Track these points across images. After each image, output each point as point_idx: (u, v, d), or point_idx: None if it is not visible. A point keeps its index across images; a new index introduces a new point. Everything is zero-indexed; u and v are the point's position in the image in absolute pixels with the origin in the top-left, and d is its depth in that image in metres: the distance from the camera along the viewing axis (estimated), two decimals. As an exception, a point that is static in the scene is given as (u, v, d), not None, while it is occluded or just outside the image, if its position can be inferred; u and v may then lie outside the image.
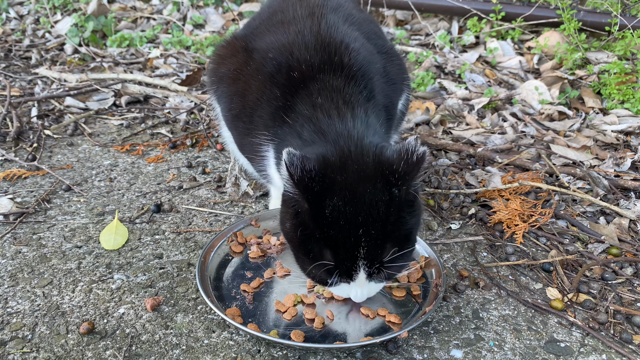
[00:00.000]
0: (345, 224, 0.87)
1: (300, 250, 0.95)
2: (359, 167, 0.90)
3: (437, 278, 1.14)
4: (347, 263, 0.90)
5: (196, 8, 3.17)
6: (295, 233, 0.94)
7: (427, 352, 1.01)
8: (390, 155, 0.90)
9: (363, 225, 0.87)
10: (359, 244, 0.88)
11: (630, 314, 1.12)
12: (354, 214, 0.87)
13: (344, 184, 0.89)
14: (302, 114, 1.03)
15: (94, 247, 1.29)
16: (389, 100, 1.21)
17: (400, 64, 1.33)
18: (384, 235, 0.89)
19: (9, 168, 1.63)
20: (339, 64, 1.07)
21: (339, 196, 0.88)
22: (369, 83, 1.10)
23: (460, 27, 2.82)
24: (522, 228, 1.37)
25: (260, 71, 1.13)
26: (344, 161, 0.91)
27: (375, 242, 0.89)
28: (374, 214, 0.88)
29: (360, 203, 0.88)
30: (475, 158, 1.75)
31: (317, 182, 0.87)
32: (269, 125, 1.10)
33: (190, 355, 0.99)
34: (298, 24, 1.15)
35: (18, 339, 1.01)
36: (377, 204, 0.88)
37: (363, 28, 1.25)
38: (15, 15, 3.23)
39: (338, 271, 0.91)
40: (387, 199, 0.89)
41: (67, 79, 2.34)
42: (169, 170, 1.67)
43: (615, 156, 1.73)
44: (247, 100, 1.16)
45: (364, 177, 0.89)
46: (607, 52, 2.36)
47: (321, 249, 0.91)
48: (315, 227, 0.89)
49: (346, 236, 0.88)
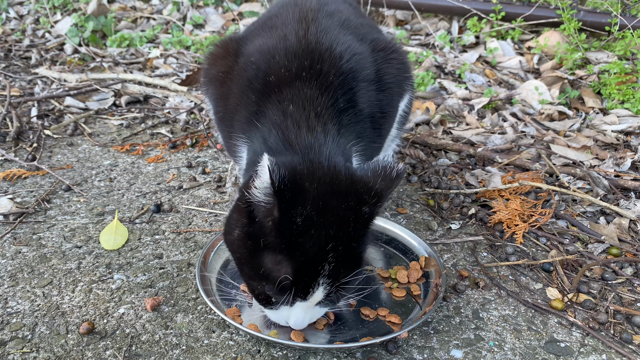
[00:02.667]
0: (315, 235, 0.83)
1: (247, 262, 0.89)
2: (331, 180, 0.87)
3: (437, 278, 1.14)
4: (307, 279, 0.84)
5: (196, 8, 3.17)
6: (244, 243, 0.88)
7: (427, 352, 1.01)
8: (363, 173, 0.88)
9: (332, 240, 0.83)
10: (325, 259, 0.83)
11: (630, 314, 1.12)
12: (324, 226, 0.83)
13: (316, 194, 0.85)
14: (272, 120, 1.00)
15: (94, 247, 1.29)
16: (377, 108, 1.15)
17: (401, 61, 1.25)
18: (348, 254, 0.86)
19: (9, 168, 1.63)
20: (318, 71, 1.03)
21: (311, 205, 0.83)
22: (349, 92, 1.06)
23: (460, 27, 2.82)
24: (522, 228, 1.37)
25: (241, 75, 1.11)
26: (313, 172, 0.87)
27: (341, 259, 0.84)
28: (344, 229, 0.84)
29: (333, 216, 0.84)
30: (475, 158, 1.75)
31: (289, 189, 0.82)
32: (245, 129, 1.07)
33: (190, 355, 0.99)
34: (285, 29, 1.12)
35: (18, 339, 1.01)
36: (347, 220, 0.85)
37: (359, 31, 1.21)
38: (15, 15, 3.23)
39: (294, 288, 0.85)
40: (356, 216, 0.86)
41: (67, 79, 2.34)
42: (169, 170, 1.67)
43: (615, 156, 1.73)
44: (229, 104, 1.15)
45: (336, 191, 0.86)
46: (607, 52, 2.36)
47: (277, 263, 0.85)
48: (279, 237, 0.84)
49: (313, 249, 0.83)
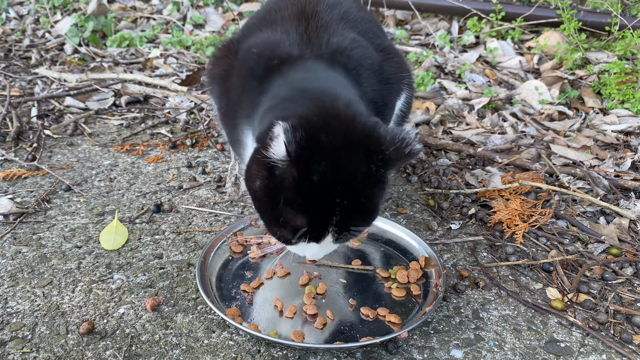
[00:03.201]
0: (325, 191, 0.85)
1: (268, 211, 0.92)
2: (346, 131, 0.86)
3: (437, 278, 1.14)
4: (319, 229, 0.89)
5: (196, 8, 3.17)
6: (265, 193, 0.90)
7: (427, 352, 1.01)
8: (383, 133, 0.86)
9: (340, 194, 0.85)
10: (334, 212, 0.86)
11: (630, 314, 1.12)
12: (334, 181, 0.85)
13: (330, 148, 0.85)
14: (277, 85, 1.00)
15: (94, 247, 1.29)
16: (379, 95, 1.16)
17: (400, 61, 1.28)
18: (356, 207, 0.88)
19: (9, 168, 1.63)
20: (321, 55, 1.05)
21: (326, 161, 0.84)
22: (354, 73, 1.06)
23: (460, 27, 2.82)
24: (522, 228, 1.37)
25: (243, 67, 1.12)
26: (328, 121, 0.87)
27: (347, 211, 0.87)
28: (352, 184, 0.86)
29: (343, 171, 0.85)
30: (475, 158, 1.75)
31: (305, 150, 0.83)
32: (248, 114, 1.07)
33: (190, 355, 0.99)
34: (286, 23, 1.13)
35: (18, 339, 1.01)
36: (356, 175, 0.86)
37: (360, 26, 1.22)
38: (15, 15, 3.23)
39: (308, 235, 0.90)
40: (365, 172, 0.86)
41: (67, 79, 2.34)
42: (169, 170, 1.67)
43: (615, 156, 1.73)
44: (232, 97, 1.16)
45: (349, 144, 0.86)
46: (607, 52, 2.36)
47: (295, 214, 0.88)
48: (297, 194, 0.86)
49: (323, 203, 0.86)
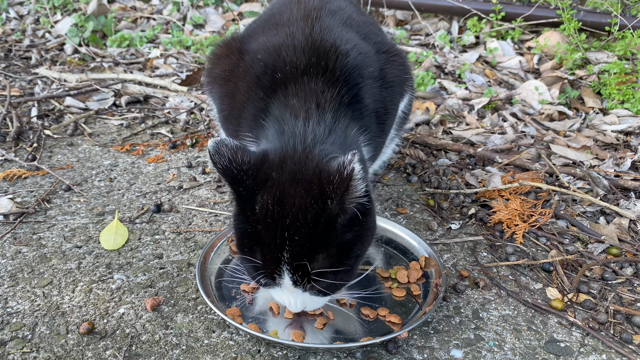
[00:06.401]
0: (272, 223, 0.86)
1: (236, 240, 0.94)
2: (297, 169, 0.88)
3: (437, 278, 1.14)
4: (272, 265, 0.88)
5: (196, 8, 3.17)
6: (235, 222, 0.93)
7: (427, 352, 1.01)
8: (332, 166, 0.86)
9: (289, 228, 0.85)
10: (283, 246, 0.86)
11: (630, 314, 1.12)
12: (280, 214, 0.86)
13: (277, 183, 0.88)
14: (274, 115, 1.02)
15: (94, 247, 1.29)
16: (381, 105, 1.17)
17: (403, 63, 1.29)
18: (312, 244, 0.86)
19: (9, 168, 1.63)
20: (324, 67, 1.05)
21: (269, 193, 0.87)
22: (355, 88, 1.07)
23: (460, 27, 2.82)
24: (522, 228, 1.37)
25: (248, 73, 1.12)
26: (283, 160, 0.90)
27: (301, 248, 0.86)
28: (301, 218, 0.85)
29: (289, 205, 0.86)
30: (475, 158, 1.75)
31: (249, 175, 0.86)
32: (252, 127, 1.09)
33: (190, 355, 0.99)
34: (291, 26, 1.13)
35: (18, 339, 1.01)
36: (306, 209, 0.85)
37: (362, 30, 1.22)
38: (15, 15, 3.23)
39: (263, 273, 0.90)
40: (319, 207, 0.86)
41: (67, 79, 2.34)
42: (169, 170, 1.67)
43: (615, 156, 1.73)
44: (236, 102, 1.16)
45: (299, 180, 0.87)
46: (607, 52, 2.36)
47: (252, 245, 0.90)
48: (246, 221, 0.89)
49: (272, 236, 0.86)
